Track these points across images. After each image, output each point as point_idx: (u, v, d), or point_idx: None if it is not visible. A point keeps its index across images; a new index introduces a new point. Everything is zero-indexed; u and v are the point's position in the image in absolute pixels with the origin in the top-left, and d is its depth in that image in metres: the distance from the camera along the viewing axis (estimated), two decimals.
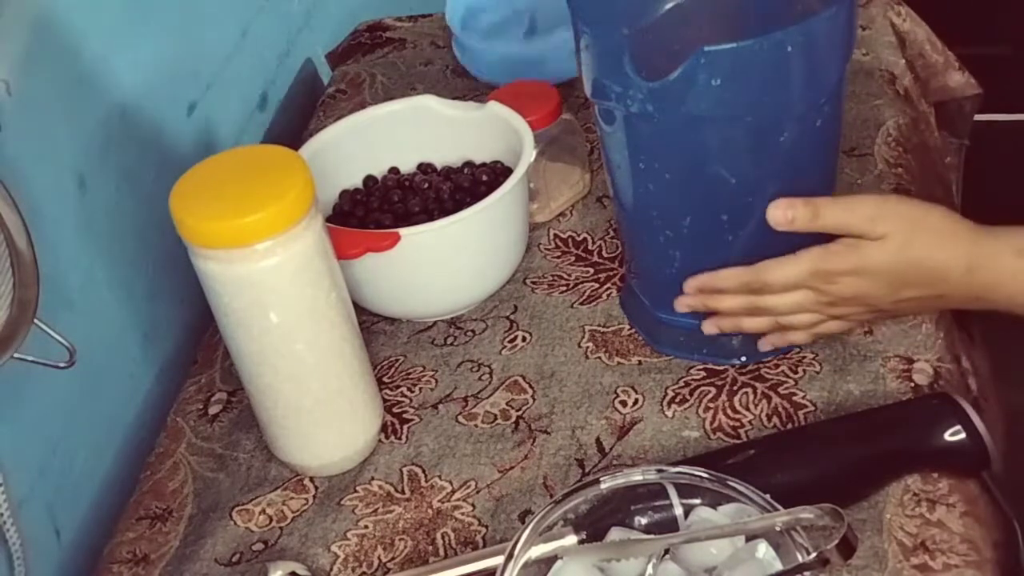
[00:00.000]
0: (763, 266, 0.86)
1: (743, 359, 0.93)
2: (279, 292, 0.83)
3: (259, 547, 0.89)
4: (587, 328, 1.00)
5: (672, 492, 0.75)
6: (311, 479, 0.93)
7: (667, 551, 0.73)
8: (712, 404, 0.91)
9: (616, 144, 0.90)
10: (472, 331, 1.03)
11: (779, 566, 0.70)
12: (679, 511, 0.75)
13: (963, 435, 0.80)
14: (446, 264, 1.00)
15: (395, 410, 0.97)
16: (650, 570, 0.73)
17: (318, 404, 0.89)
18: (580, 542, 0.75)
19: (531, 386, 0.96)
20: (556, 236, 1.10)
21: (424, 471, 0.92)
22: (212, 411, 1.01)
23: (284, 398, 0.89)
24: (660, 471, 0.75)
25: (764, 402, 0.91)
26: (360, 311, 0.98)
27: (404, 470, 0.92)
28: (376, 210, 1.06)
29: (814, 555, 0.67)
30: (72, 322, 0.88)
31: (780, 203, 0.84)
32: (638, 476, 0.75)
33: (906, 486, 0.82)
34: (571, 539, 0.75)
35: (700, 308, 0.91)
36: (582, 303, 1.03)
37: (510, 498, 0.88)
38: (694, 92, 0.81)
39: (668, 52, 0.86)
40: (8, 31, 0.88)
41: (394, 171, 1.12)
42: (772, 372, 0.93)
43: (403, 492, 0.91)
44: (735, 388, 0.92)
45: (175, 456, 0.98)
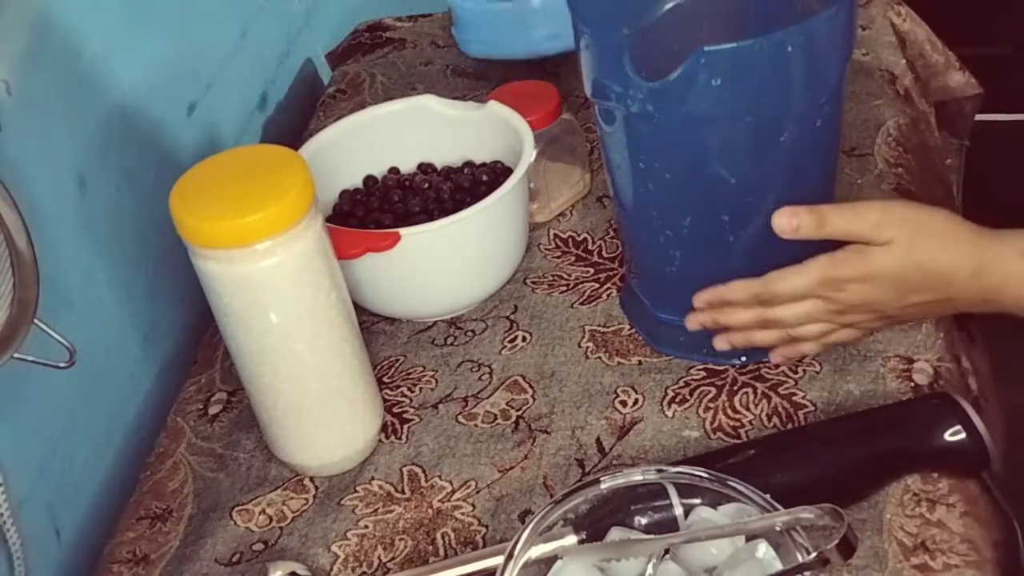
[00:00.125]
0: (771, 277, 0.86)
1: (743, 359, 0.93)
2: (279, 292, 0.83)
3: (259, 547, 0.89)
4: (587, 328, 1.00)
5: (672, 492, 0.75)
6: (311, 479, 0.93)
7: (667, 551, 0.73)
8: (712, 404, 0.91)
9: (616, 144, 0.90)
10: (472, 331, 1.03)
11: (779, 566, 0.70)
12: (679, 511, 0.75)
13: (963, 435, 0.80)
14: (446, 264, 1.00)
15: (395, 410, 0.97)
16: (650, 570, 0.73)
17: (318, 404, 0.89)
18: (580, 542, 0.75)
19: (531, 386, 0.96)
20: (556, 236, 1.10)
21: (424, 471, 0.92)
22: (212, 411, 1.01)
23: (284, 398, 0.89)
24: (660, 471, 0.75)
25: (764, 402, 0.91)
26: (360, 311, 0.98)
27: (404, 470, 0.92)
28: (376, 210, 1.06)
29: (814, 555, 0.67)
30: (72, 322, 0.87)
31: (785, 211, 0.83)
32: (638, 476, 0.75)
33: (906, 486, 0.82)
34: (571, 539, 0.75)
35: (711, 325, 0.91)
36: (582, 303, 1.03)
37: (510, 498, 0.88)
38: (694, 92, 0.81)
39: (668, 52, 0.86)
40: (8, 31, 0.88)
41: (394, 171, 1.12)
42: (772, 372, 0.93)
43: (403, 492, 0.91)
44: (735, 388, 0.92)
45: (175, 456, 0.98)
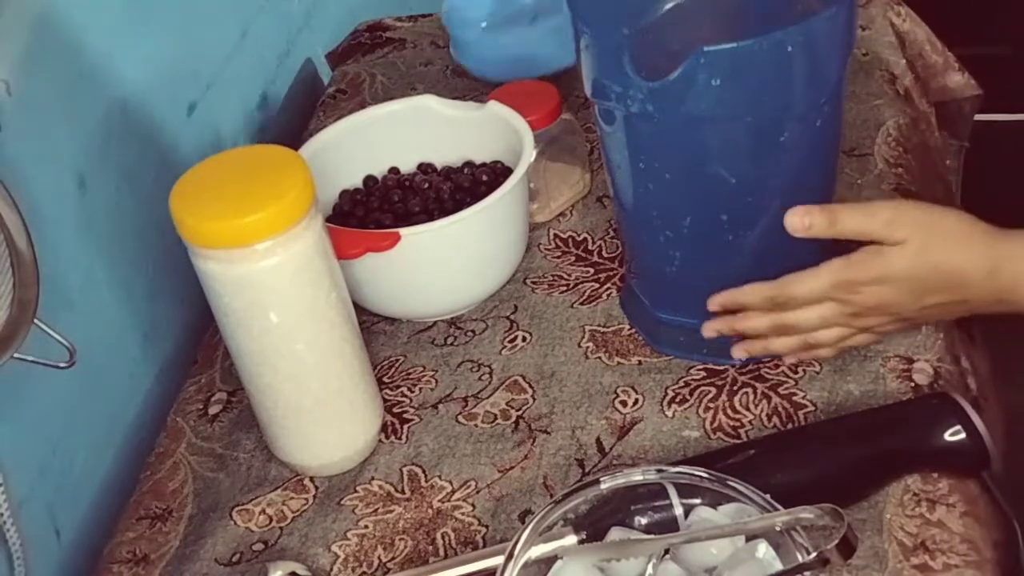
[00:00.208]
0: (786, 280, 0.86)
1: (743, 359, 0.93)
2: (279, 292, 0.83)
3: (259, 547, 0.89)
4: (587, 328, 1.00)
5: (672, 492, 0.75)
6: (311, 479, 0.93)
7: (667, 551, 0.73)
8: (712, 404, 0.91)
9: (616, 144, 0.90)
10: (472, 331, 1.03)
11: (779, 566, 0.70)
12: (679, 511, 0.75)
13: (963, 435, 0.80)
14: (446, 264, 1.00)
15: (395, 410, 0.97)
16: (650, 570, 0.73)
17: (318, 404, 0.89)
18: (580, 542, 0.75)
19: (531, 386, 0.96)
20: (556, 236, 1.10)
21: (424, 471, 0.92)
22: (212, 411, 1.01)
23: (284, 398, 0.89)
24: (660, 471, 0.75)
25: (764, 402, 0.91)
26: (360, 311, 0.98)
27: (404, 470, 0.92)
28: (376, 210, 1.06)
29: (814, 555, 0.67)
30: (72, 322, 0.87)
31: (797, 210, 0.83)
32: (638, 476, 0.75)
33: (906, 486, 0.82)
34: (571, 539, 0.75)
35: (728, 331, 0.90)
36: (582, 303, 1.03)
37: (510, 498, 0.88)
38: (694, 92, 0.81)
39: (668, 52, 0.86)
40: (8, 31, 0.88)
41: (394, 171, 1.12)
42: (772, 372, 0.93)
43: (403, 492, 0.91)
44: (735, 388, 0.92)
45: (175, 456, 0.98)
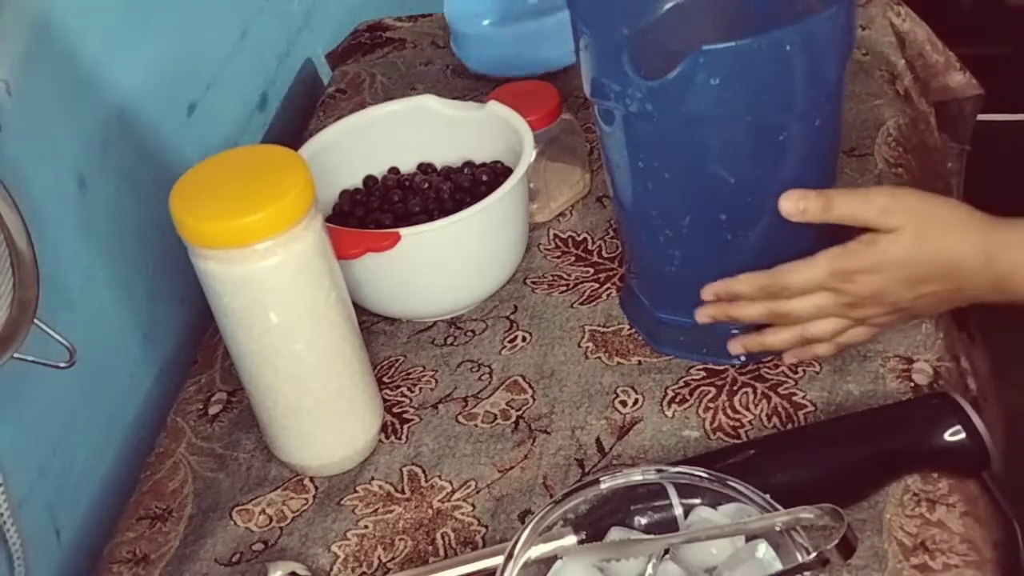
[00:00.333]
0: (781, 269, 0.86)
1: (742, 359, 0.93)
2: (279, 292, 0.83)
3: (259, 547, 0.89)
4: (587, 328, 1.00)
5: (672, 492, 0.75)
6: (311, 479, 0.93)
7: (667, 551, 0.73)
8: (712, 404, 0.91)
9: (615, 144, 0.90)
10: (472, 331, 1.03)
11: (779, 566, 0.70)
12: (679, 511, 0.75)
13: (963, 435, 0.80)
14: (446, 264, 1.00)
15: (395, 410, 0.97)
16: (650, 570, 0.73)
17: (318, 404, 0.89)
18: (580, 542, 0.75)
19: (531, 386, 0.96)
20: (556, 236, 1.10)
21: (424, 471, 0.92)
22: (212, 411, 1.01)
23: (284, 398, 0.89)
24: (660, 471, 0.75)
25: (764, 402, 0.90)
26: (360, 311, 0.98)
27: (404, 470, 0.92)
28: (376, 210, 1.06)
29: (814, 555, 0.67)
30: (72, 322, 0.87)
31: (792, 194, 0.83)
32: (638, 476, 0.75)
33: (906, 486, 0.82)
34: (571, 539, 0.75)
35: (721, 317, 0.90)
36: (582, 303, 1.03)
37: (510, 498, 0.88)
38: (693, 91, 0.81)
39: (668, 52, 0.86)
40: (8, 31, 0.88)
41: (394, 171, 1.12)
42: (772, 372, 0.93)
43: (403, 492, 0.91)
44: (735, 388, 0.92)
45: (175, 456, 0.98)
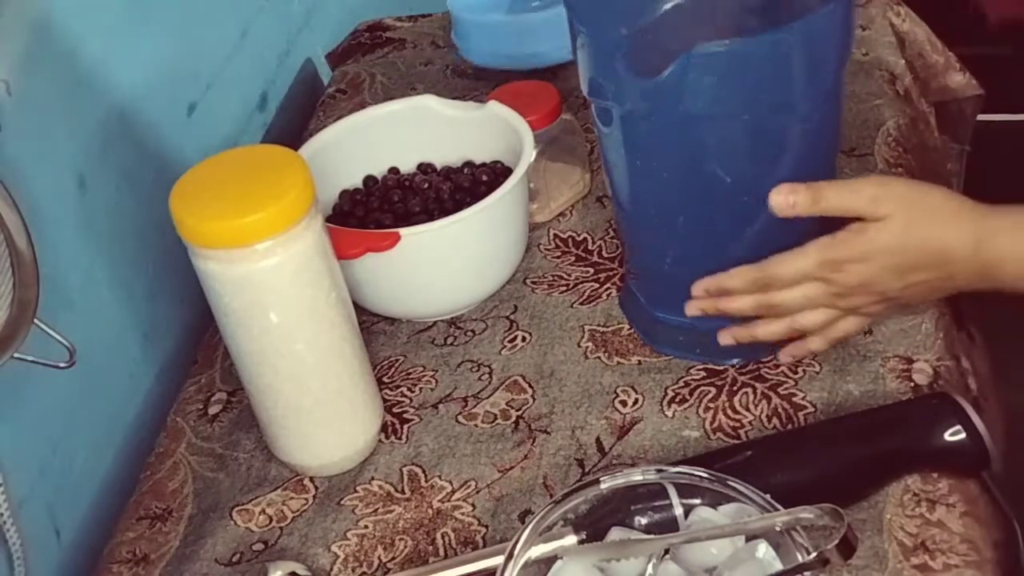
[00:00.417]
0: (770, 261, 0.86)
1: (736, 361, 0.93)
2: (279, 292, 0.83)
3: (259, 547, 0.89)
4: (587, 328, 1.00)
5: (672, 492, 0.75)
6: (311, 479, 0.93)
7: (667, 551, 0.73)
8: (712, 404, 0.91)
9: (613, 143, 0.90)
10: (472, 331, 1.03)
11: (779, 566, 0.70)
12: (679, 511, 0.75)
13: (963, 435, 0.80)
14: (446, 264, 1.00)
15: (395, 410, 0.97)
16: (650, 570, 0.73)
17: (318, 404, 0.89)
18: (580, 542, 0.75)
19: (531, 386, 0.96)
20: (556, 236, 1.10)
21: (424, 471, 0.92)
22: (212, 411, 1.01)
23: (284, 398, 0.89)
24: (660, 471, 0.75)
25: (764, 402, 0.90)
26: (360, 311, 0.98)
27: (404, 470, 0.92)
28: (376, 210, 1.06)
29: (814, 555, 0.67)
30: (72, 322, 0.88)
31: (782, 188, 0.83)
32: (638, 476, 0.75)
33: (906, 486, 0.82)
34: (571, 539, 0.75)
35: (711, 311, 0.90)
36: (582, 303, 1.03)
37: (510, 498, 0.88)
38: (688, 91, 0.81)
39: (667, 52, 0.86)
40: (8, 31, 0.88)
41: (394, 171, 1.12)
42: (772, 372, 0.93)
43: (403, 492, 0.91)
44: (735, 388, 0.92)
45: (175, 456, 0.98)
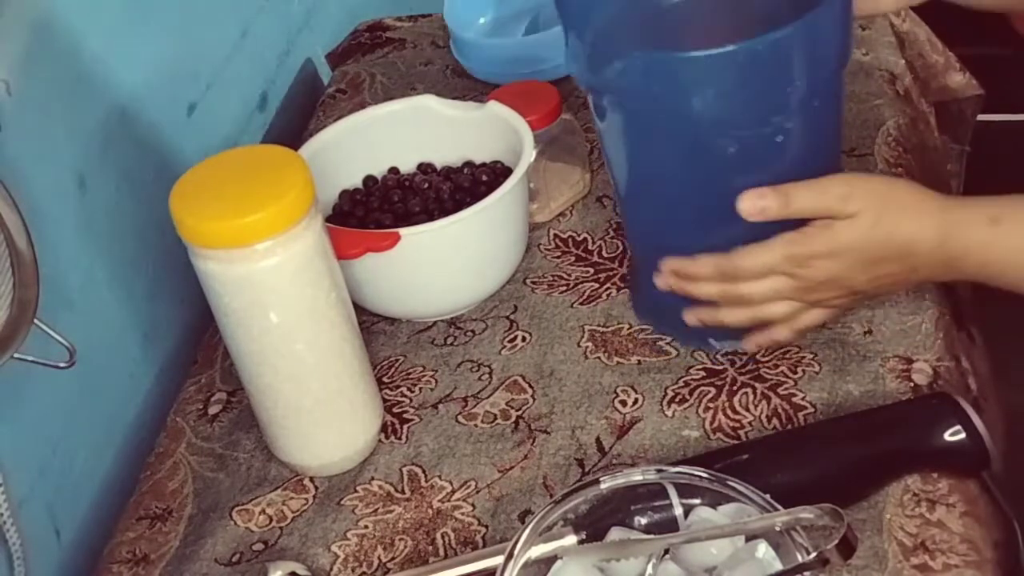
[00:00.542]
0: (737, 253, 0.85)
1: (720, 345, 0.94)
2: (279, 292, 0.83)
3: (259, 547, 0.89)
4: (587, 328, 1.00)
5: (672, 492, 0.75)
6: (311, 479, 0.93)
7: (667, 551, 0.73)
8: (712, 404, 0.91)
9: (610, 135, 0.90)
10: (472, 331, 1.03)
11: (779, 566, 0.70)
12: (679, 511, 0.75)
13: (963, 435, 0.80)
14: (446, 264, 1.00)
15: (395, 410, 0.97)
16: (650, 570, 0.73)
17: (318, 404, 0.89)
18: (580, 542, 0.75)
19: (531, 386, 0.96)
20: (556, 236, 1.10)
21: (424, 471, 0.92)
22: (212, 411, 1.01)
23: (284, 398, 0.89)
24: (660, 471, 0.75)
25: (764, 403, 0.90)
26: (360, 311, 0.98)
27: (404, 470, 0.92)
28: (376, 210, 1.06)
29: (814, 555, 0.67)
30: (72, 322, 0.87)
31: (750, 194, 0.82)
32: (638, 476, 0.75)
33: (906, 486, 0.82)
34: (571, 539, 0.75)
35: (676, 289, 0.90)
36: (582, 303, 1.03)
37: (510, 498, 0.88)
38: (677, 91, 0.81)
39: (667, 48, 0.87)
40: (8, 31, 0.88)
41: (394, 171, 1.12)
42: (771, 372, 0.93)
43: (403, 492, 0.91)
44: (735, 388, 0.92)
45: (175, 456, 0.98)
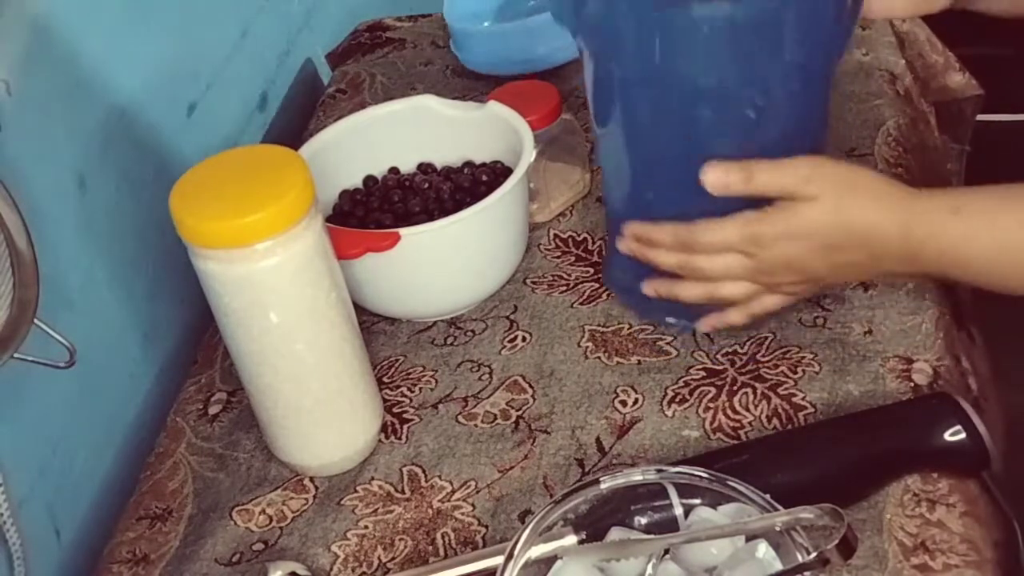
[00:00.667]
0: (697, 225, 0.86)
1: (683, 324, 0.95)
2: (279, 292, 0.83)
3: (259, 547, 0.89)
4: (587, 328, 1.00)
5: (672, 492, 0.75)
6: (311, 479, 0.93)
7: (667, 551, 0.73)
8: (712, 404, 0.91)
9: (595, 89, 0.90)
10: (472, 331, 1.03)
11: (779, 566, 0.70)
12: (679, 511, 0.75)
13: (963, 435, 0.80)
14: (446, 264, 1.00)
15: (395, 410, 0.97)
16: (650, 570, 0.73)
17: (318, 404, 0.89)
18: (580, 542, 0.75)
19: (531, 386, 0.96)
20: (556, 236, 1.10)
21: (424, 471, 0.92)
22: (212, 411, 1.01)
23: (284, 398, 0.89)
24: (660, 471, 0.75)
25: (764, 403, 0.90)
26: (360, 311, 0.98)
27: (404, 470, 0.92)
28: (376, 210, 1.06)
29: (814, 555, 0.67)
30: (72, 322, 0.87)
31: (715, 167, 0.83)
32: (638, 476, 0.75)
33: (906, 486, 0.82)
34: (571, 539, 0.75)
35: (637, 254, 0.91)
36: (582, 303, 1.03)
37: (510, 498, 0.88)
38: (674, 61, 0.82)
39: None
40: (8, 31, 0.88)
41: (394, 171, 1.12)
42: (772, 372, 0.93)
43: (403, 492, 0.91)
44: (735, 388, 0.92)
45: (175, 456, 0.98)
